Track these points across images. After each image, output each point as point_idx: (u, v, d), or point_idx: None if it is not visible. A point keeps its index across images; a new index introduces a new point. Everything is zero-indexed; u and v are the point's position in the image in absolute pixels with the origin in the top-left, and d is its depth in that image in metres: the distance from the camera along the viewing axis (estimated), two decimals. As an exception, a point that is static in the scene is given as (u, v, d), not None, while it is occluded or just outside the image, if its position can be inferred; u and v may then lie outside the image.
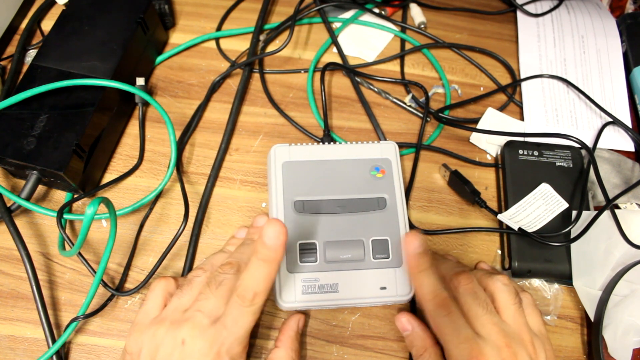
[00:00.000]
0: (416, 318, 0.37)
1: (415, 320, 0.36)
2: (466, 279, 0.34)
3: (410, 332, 0.36)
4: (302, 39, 0.53)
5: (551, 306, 0.40)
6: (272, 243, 0.29)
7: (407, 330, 0.36)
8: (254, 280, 0.30)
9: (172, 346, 0.30)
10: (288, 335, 0.36)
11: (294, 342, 0.36)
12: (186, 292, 0.33)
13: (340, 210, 0.38)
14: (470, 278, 0.35)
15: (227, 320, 0.30)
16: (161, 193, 0.43)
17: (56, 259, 0.40)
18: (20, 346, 0.37)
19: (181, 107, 0.47)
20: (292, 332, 0.36)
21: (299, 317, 0.38)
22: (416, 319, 0.37)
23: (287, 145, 0.41)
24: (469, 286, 0.34)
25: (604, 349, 0.38)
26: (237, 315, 0.30)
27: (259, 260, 0.30)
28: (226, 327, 0.30)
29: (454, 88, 0.51)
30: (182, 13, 0.53)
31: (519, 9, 0.57)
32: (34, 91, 0.38)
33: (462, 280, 0.34)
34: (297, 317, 0.37)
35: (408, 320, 0.37)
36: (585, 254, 0.40)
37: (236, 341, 0.31)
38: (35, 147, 0.37)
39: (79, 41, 0.43)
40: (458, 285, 0.34)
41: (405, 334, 0.37)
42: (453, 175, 0.44)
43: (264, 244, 0.29)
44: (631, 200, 0.44)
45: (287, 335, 0.36)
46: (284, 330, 0.36)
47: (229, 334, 0.30)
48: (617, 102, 0.51)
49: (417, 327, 0.36)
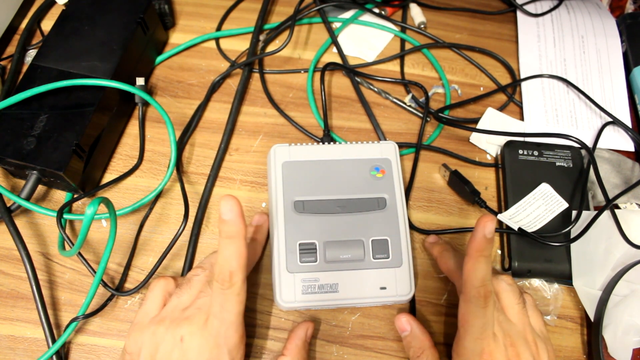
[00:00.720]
0: (415, 319, 0.37)
1: (415, 322, 0.36)
2: None
3: (409, 333, 0.36)
4: (302, 39, 0.53)
5: (551, 306, 0.40)
6: (229, 216, 0.29)
7: (406, 330, 0.36)
8: (226, 260, 0.30)
9: (172, 344, 0.30)
10: (295, 344, 0.35)
11: (300, 351, 0.35)
12: (185, 291, 0.33)
13: (340, 210, 0.38)
14: None
15: (215, 310, 0.30)
16: (161, 193, 0.43)
17: (56, 259, 0.40)
18: (20, 346, 0.37)
19: (181, 107, 0.47)
20: (299, 341, 0.36)
21: (308, 325, 0.37)
22: (415, 320, 0.37)
23: (287, 145, 0.41)
24: None
25: (604, 349, 0.38)
26: (221, 300, 0.30)
27: (223, 239, 0.30)
28: (216, 316, 0.30)
29: (454, 88, 0.51)
30: (182, 13, 0.53)
31: (519, 9, 0.57)
32: (34, 91, 0.38)
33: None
34: (305, 326, 0.37)
35: (407, 320, 0.37)
36: (585, 254, 0.40)
37: (231, 328, 0.31)
38: (35, 147, 0.37)
39: (79, 41, 0.43)
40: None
41: (403, 334, 0.37)
42: (453, 175, 0.44)
43: (223, 220, 0.30)
44: (631, 200, 0.44)
45: (294, 344, 0.35)
46: (291, 338, 0.36)
47: (220, 322, 0.30)
48: (617, 102, 0.51)
49: (416, 328, 0.36)
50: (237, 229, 0.30)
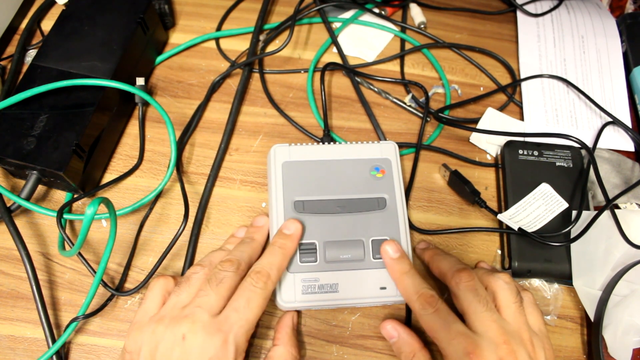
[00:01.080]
0: (401, 324, 0.37)
1: (401, 326, 0.36)
2: (467, 276, 0.34)
3: (397, 339, 0.36)
4: (302, 39, 0.53)
5: (551, 306, 0.40)
6: (291, 232, 0.35)
7: (394, 337, 0.36)
8: (269, 263, 0.33)
9: (172, 342, 0.30)
10: (285, 332, 0.36)
11: (291, 338, 0.36)
12: (184, 289, 0.33)
13: (340, 210, 0.38)
14: (472, 275, 0.35)
15: (239, 303, 0.31)
16: (161, 193, 0.43)
17: (56, 259, 0.40)
18: (20, 346, 0.37)
19: (181, 107, 0.47)
20: (288, 329, 0.36)
21: (292, 313, 0.38)
22: (401, 325, 0.37)
23: (287, 145, 0.41)
24: (470, 283, 0.34)
25: (604, 349, 0.38)
26: (250, 295, 0.32)
27: (275, 247, 0.34)
28: (238, 310, 0.31)
29: (454, 88, 0.51)
30: (182, 13, 0.53)
31: (519, 9, 0.57)
32: (34, 91, 0.38)
33: (463, 277, 0.34)
34: (290, 314, 0.37)
35: (393, 327, 0.37)
36: (585, 254, 0.40)
37: (245, 325, 0.31)
38: (35, 147, 0.37)
39: (79, 41, 0.43)
40: (459, 282, 0.34)
41: (392, 341, 0.37)
42: (453, 175, 0.44)
43: (283, 234, 0.35)
44: (631, 200, 0.44)
45: (284, 332, 0.36)
46: (280, 327, 0.36)
47: (239, 317, 0.31)
48: (617, 102, 0.51)
49: (403, 332, 0.36)
50: (292, 246, 0.35)
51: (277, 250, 0.34)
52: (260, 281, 0.32)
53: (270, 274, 0.33)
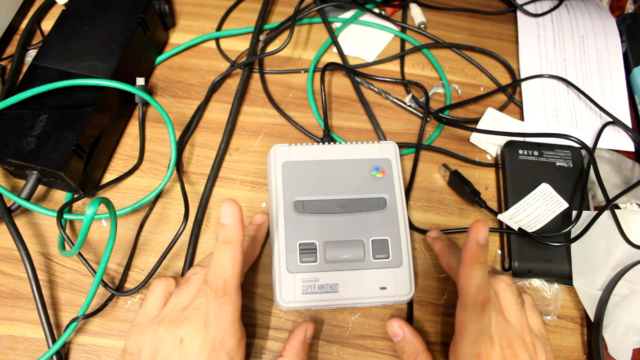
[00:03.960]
0: (407, 324, 0.37)
1: (407, 326, 0.36)
2: None
3: (402, 338, 0.36)
4: (302, 39, 0.53)
5: (551, 306, 0.40)
6: (228, 220, 0.28)
7: (399, 335, 0.36)
8: (220, 266, 0.29)
9: (171, 345, 0.30)
10: (294, 345, 0.35)
11: (299, 352, 0.35)
12: (184, 290, 0.33)
13: (340, 210, 0.38)
14: None
15: (210, 317, 0.30)
16: (161, 193, 0.43)
17: (56, 259, 0.40)
18: (20, 346, 0.37)
19: (181, 107, 0.47)
20: (297, 342, 0.35)
21: (307, 325, 0.36)
22: (407, 325, 0.37)
23: (287, 145, 0.41)
24: None
25: (604, 349, 0.38)
26: (215, 309, 0.30)
27: (220, 244, 0.29)
28: (211, 323, 0.30)
29: (454, 88, 0.51)
30: (182, 13, 0.53)
31: (519, 9, 0.57)
32: (34, 91, 0.38)
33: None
34: (304, 326, 0.36)
35: (400, 325, 0.36)
36: (585, 254, 0.40)
37: (226, 335, 0.30)
38: (35, 147, 0.37)
39: (79, 41, 0.43)
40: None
41: (396, 339, 0.37)
42: (453, 175, 0.44)
43: (221, 224, 0.28)
44: (631, 200, 0.44)
45: (293, 345, 0.35)
46: (290, 339, 0.36)
47: (215, 329, 0.30)
48: (617, 102, 0.51)
49: (408, 332, 0.36)
50: (235, 235, 0.28)
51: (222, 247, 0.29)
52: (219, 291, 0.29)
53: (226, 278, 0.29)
